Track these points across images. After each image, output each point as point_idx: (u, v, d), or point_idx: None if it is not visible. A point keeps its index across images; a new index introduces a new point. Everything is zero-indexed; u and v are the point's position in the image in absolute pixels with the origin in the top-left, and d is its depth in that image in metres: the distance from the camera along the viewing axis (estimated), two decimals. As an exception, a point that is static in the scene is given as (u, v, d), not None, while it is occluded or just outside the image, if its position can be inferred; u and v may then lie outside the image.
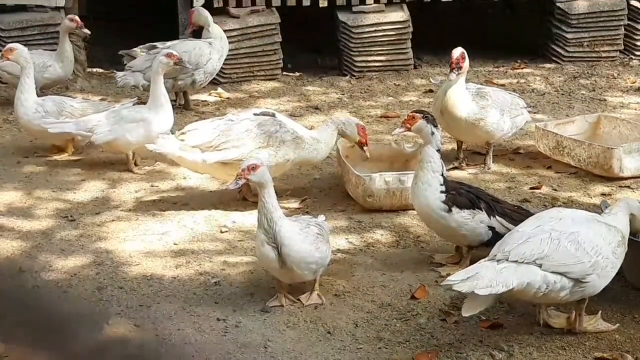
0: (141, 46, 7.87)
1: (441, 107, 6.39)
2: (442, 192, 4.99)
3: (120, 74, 7.73)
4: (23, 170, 6.66)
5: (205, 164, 5.79)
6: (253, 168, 4.54)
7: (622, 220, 4.49)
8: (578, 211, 4.64)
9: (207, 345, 4.40)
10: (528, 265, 4.16)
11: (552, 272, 4.17)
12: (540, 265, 4.16)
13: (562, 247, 4.21)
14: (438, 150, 5.01)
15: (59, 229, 5.70)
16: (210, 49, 7.80)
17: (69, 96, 7.49)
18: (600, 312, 4.57)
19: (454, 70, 6.22)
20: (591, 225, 4.36)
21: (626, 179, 6.37)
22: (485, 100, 6.48)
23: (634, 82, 8.79)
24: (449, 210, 4.99)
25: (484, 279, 4.06)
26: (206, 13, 7.94)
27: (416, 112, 5.08)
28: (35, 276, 5.07)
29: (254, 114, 5.96)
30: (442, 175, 5.02)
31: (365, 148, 6.02)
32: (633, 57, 9.49)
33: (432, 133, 4.98)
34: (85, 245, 5.48)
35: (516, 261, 4.15)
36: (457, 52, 6.24)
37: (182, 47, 7.64)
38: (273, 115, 5.97)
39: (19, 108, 6.78)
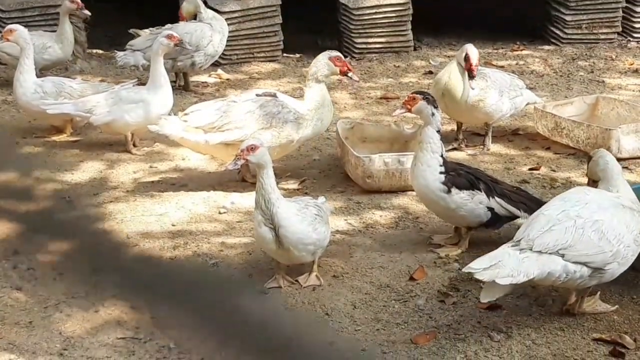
0: (151, 28, 7.84)
1: (443, 90, 6.36)
2: (441, 173, 4.98)
3: (120, 53, 7.72)
4: (21, 150, 6.65)
5: (207, 145, 5.78)
6: (252, 149, 4.52)
7: (629, 192, 4.43)
8: (604, 193, 4.45)
9: (204, 327, 4.40)
10: (550, 255, 4.11)
11: (574, 262, 4.14)
12: (562, 255, 4.12)
13: (586, 237, 4.15)
14: (438, 132, 4.99)
15: (56, 209, 5.70)
16: (211, 32, 7.78)
17: (68, 77, 7.47)
18: (598, 293, 4.56)
19: (474, 78, 6.19)
20: (616, 212, 4.28)
21: (624, 159, 6.35)
22: (485, 82, 6.47)
23: (632, 64, 8.78)
24: (448, 191, 4.98)
25: (506, 268, 4.01)
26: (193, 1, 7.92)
27: (416, 93, 5.06)
28: (31, 257, 5.07)
29: (256, 95, 5.94)
30: (442, 156, 5.01)
31: (350, 74, 5.87)
32: (631, 39, 9.48)
33: (433, 114, 4.96)
34: (83, 226, 5.47)
35: (539, 251, 4.11)
36: (475, 54, 6.17)
37: (184, 28, 7.63)
38: (274, 95, 5.95)
39: (18, 89, 6.77)
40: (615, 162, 4.58)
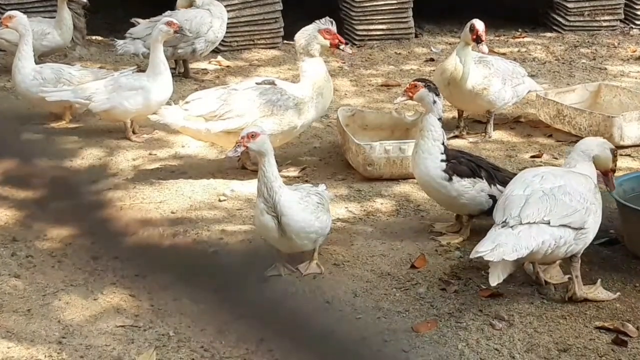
0: (153, 18, 7.80)
1: (449, 79, 6.31)
2: (442, 160, 4.95)
3: (120, 42, 7.67)
4: (20, 137, 6.59)
5: (209, 133, 5.75)
6: (253, 136, 4.49)
7: (586, 168, 4.58)
8: (549, 167, 4.85)
9: (203, 315, 4.37)
10: (539, 225, 4.25)
11: (558, 226, 4.26)
12: (548, 222, 4.26)
13: (559, 201, 4.32)
14: (439, 119, 4.96)
15: (55, 197, 5.65)
16: (211, 18, 7.74)
17: (67, 64, 7.43)
18: (600, 280, 4.55)
19: (484, 42, 6.13)
20: (570, 176, 4.49)
21: (627, 147, 6.35)
22: (488, 70, 6.45)
23: (634, 51, 8.75)
24: (450, 179, 4.95)
25: (508, 245, 4.15)
26: None
27: (418, 80, 5.03)
28: (30, 245, 5.03)
29: (256, 83, 5.90)
30: (443, 144, 4.98)
31: (342, 47, 5.80)
32: (633, 26, 9.45)
33: (434, 102, 4.93)
34: (82, 213, 5.43)
35: (528, 222, 4.23)
36: (481, 24, 6.14)
37: (184, 15, 7.59)
38: (273, 83, 5.91)
39: (16, 75, 6.75)
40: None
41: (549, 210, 4.28)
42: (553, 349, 4.11)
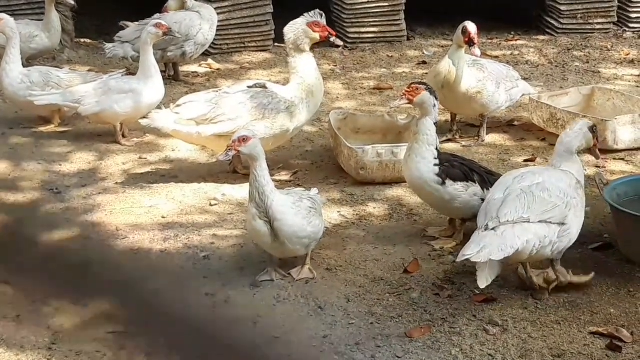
0: (142, 21, 7.75)
1: (443, 82, 6.28)
2: (435, 165, 4.92)
3: (109, 45, 7.63)
4: (8, 141, 6.57)
5: (200, 137, 5.71)
6: (244, 140, 4.46)
7: (571, 165, 4.63)
8: (530, 167, 5.00)
9: (195, 321, 4.33)
10: (521, 224, 4.28)
11: (539, 222, 4.30)
12: (528, 220, 4.29)
13: (538, 197, 4.36)
14: (435, 124, 4.92)
15: (44, 202, 5.62)
16: (200, 20, 7.70)
17: (55, 67, 7.38)
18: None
19: (476, 45, 6.10)
20: (549, 173, 4.54)
21: (620, 151, 6.34)
22: (482, 73, 6.43)
23: (627, 54, 8.73)
24: (443, 183, 4.93)
25: (493, 245, 4.17)
26: None
27: (418, 83, 4.97)
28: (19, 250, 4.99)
29: (248, 87, 5.86)
30: (437, 148, 4.95)
31: (332, 39, 5.75)
32: (627, 29, 9.43)
33: (434, 105, 4.90)
34: (71, 218, 5.39)
35: (508, 221, 4.27)
36: (473, 26, 6.11)
37: (174, 17, 7.55)
38: (265, 86, 5.87)
39: (4, 79, 6.70)
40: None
41: (527, 207, 4.31)
42: (547, 354, 4.08)
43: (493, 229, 4.26)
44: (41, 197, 5.68)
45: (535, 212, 4.31)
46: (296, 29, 5.71)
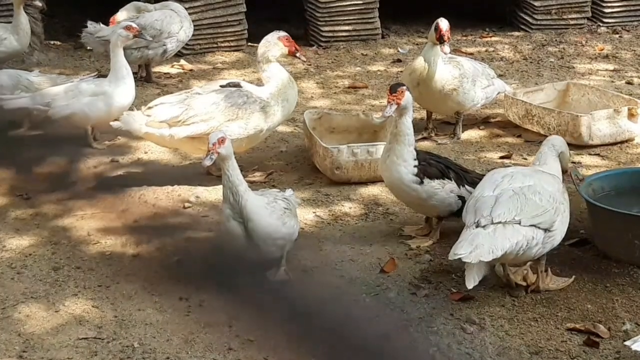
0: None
1: (419, 79, 6.25)
2: (415, 166, 4.89)
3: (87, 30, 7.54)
4: (-22, 146, 6.47)
5: (173, 139, 5.64)
6: (222, 141, 4.41)
7: (554, 167, 4.65)
8: (518, 167, 4.97)
9: (169, 325, 4.28)
10: (512, 225, 4.26)
11: (529, 226, 4.28)
12: (519, 222, 4.26)
13: (530, 200, 4.34)
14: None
15: (13, 207, 5.53)
16: (179, 17, 7.66)
17: (25, 69, 7.27)
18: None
19: (446, 42, 6.06)
20: (539, 176, 4.51)
21: (595, 146, 6.34)
22: (458, 70, 6.40)
23: (602, 49, 8.74)
24: (421, 182, 4.90)
25: (485, 246, 4.15)
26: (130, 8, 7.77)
27: (397, 85, 4.90)
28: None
29: (220, 86, 5.80)
30: (415, 148, 4.93)
31: (298, 54, 5.77)
32: (601, 24, 9.44)
33: (412, 104, 4.88)
34: (41, 223, 5.31)
35: (500, 222, 4.24)
36: (445, 23, 6.08)
37: (154, 15, 7.51)
38: (239, 85, 5.81)
39: (-28, 83, 6.59)
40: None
41: (520, 210, 4.29)
42: (525, 352, 4.07)
43: (484, 226, 4.23)
44: (10, 203, 5.59)
45: (527, 215, 4.29)
46: (269, 42, 5.69)
